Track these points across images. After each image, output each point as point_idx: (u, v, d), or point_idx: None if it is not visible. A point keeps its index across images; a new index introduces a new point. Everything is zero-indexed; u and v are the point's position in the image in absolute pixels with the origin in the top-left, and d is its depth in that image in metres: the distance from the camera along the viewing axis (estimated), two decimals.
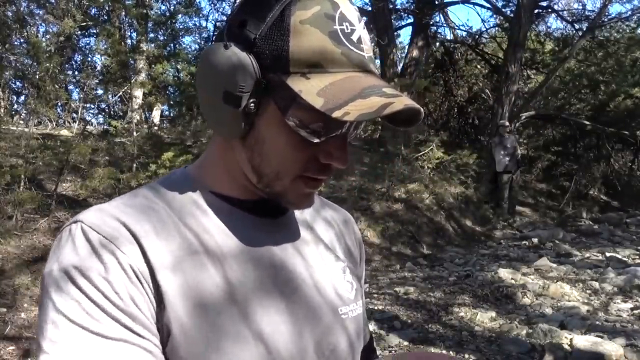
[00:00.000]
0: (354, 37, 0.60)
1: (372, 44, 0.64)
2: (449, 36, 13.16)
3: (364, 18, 0.63)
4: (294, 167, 0.62)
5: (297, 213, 0.77)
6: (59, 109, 8.43)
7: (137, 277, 0.57)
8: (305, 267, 0.71)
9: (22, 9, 7.09)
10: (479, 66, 13.38)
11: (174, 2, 9.39)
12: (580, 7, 13.14)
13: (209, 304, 0.60)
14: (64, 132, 7.33)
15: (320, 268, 0.73)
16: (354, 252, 0.83)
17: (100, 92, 8.22)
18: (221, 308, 0.61)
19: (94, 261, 0.56)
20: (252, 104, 0.60)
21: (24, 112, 7.06)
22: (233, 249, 0.65)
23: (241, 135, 0.63)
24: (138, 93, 7.39)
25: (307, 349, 0.66)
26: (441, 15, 12.12)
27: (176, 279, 0.59)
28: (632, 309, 4.26)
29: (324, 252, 0.76)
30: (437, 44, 13.18)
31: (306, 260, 0.72)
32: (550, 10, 11.42)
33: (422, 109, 0.59)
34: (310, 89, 0.57)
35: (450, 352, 3.52)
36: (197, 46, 13.07)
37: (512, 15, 10.36)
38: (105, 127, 8.28)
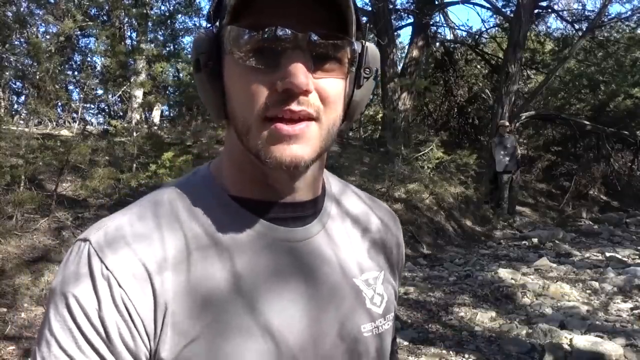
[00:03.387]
0: None
1: None
2: (449, 36, 13.18)
3: None
4: (254, 107, 0.58)
5: (333, 209, 0.73)
6: (59, 109, 8.42)
7: (129, 314, 0.57)
8: (330, 247, 0.69)
9: (22, 9, 7.09)
10: (479, 66, 13.39)
11: (174, 2, 9.38)
12: (580, 7, 13.17)
13: (214, 301, 0.60)
14: (64, 132, 7.32)
15: (346, 246, 0.72)
16: (394, 254, 0.80)
17: (100, 92, 8.22)
18: (228, 307, 0.60)
19: (90, 293, 0.57)
20: (209, 62, 0.62)
21: (24, 112, 7.06)
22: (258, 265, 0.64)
23: (225, 114, 0.64)
24: (138, 93, 7.37)
25: (327, 333, 0.65)
26: (441, 15, 12.13)
27: (183, 310, 0.59)
28: (632, 309, 4.26)
29: (350, 228, 0.74)
30: (437, 44, 13.19)
31: (332, 238, 0.70)
32: (550, 10, 11.43)
33: None
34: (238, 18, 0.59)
35: (450, 352, 3.52)
36: None
37: (512, 15, 10.36)
38: (105, 127, 8.27)
